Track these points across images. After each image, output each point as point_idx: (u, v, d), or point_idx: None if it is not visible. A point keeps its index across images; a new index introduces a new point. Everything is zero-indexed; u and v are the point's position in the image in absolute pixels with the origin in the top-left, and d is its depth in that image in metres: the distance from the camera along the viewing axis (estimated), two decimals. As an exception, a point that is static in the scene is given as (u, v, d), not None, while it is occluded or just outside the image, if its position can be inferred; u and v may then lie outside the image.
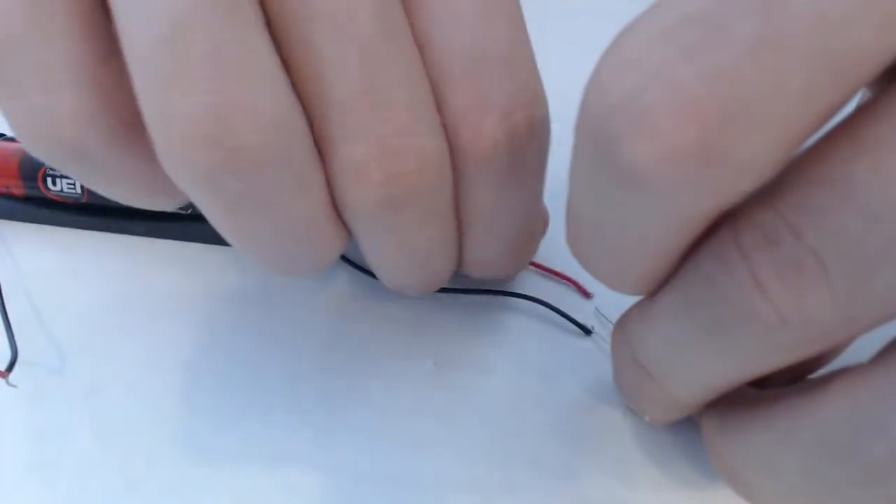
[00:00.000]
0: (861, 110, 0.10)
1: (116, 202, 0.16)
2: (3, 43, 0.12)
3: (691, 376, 0.14)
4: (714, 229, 0.12)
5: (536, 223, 0.18)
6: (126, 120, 0.13)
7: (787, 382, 0.15)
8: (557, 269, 0.22)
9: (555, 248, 0.21)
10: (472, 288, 0.22)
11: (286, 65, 0.13)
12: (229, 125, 0.12)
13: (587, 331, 0.21)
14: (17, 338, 0.20)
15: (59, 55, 0.13)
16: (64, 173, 0.15)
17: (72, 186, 0.23)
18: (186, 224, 0.23)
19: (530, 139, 0.15)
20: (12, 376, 0.19)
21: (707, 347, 0.13)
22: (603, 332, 0.21)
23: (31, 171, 0.23)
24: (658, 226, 0.11)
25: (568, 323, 0.21)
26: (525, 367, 0.21)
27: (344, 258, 0.22)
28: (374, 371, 0.21)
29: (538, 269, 0.22)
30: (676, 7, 0.09)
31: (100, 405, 0.20)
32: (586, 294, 0.22)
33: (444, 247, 0.17)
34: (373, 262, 0.17)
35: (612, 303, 0.21)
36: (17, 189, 0.23)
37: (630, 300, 0.16)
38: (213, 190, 0.13)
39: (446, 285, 0.20)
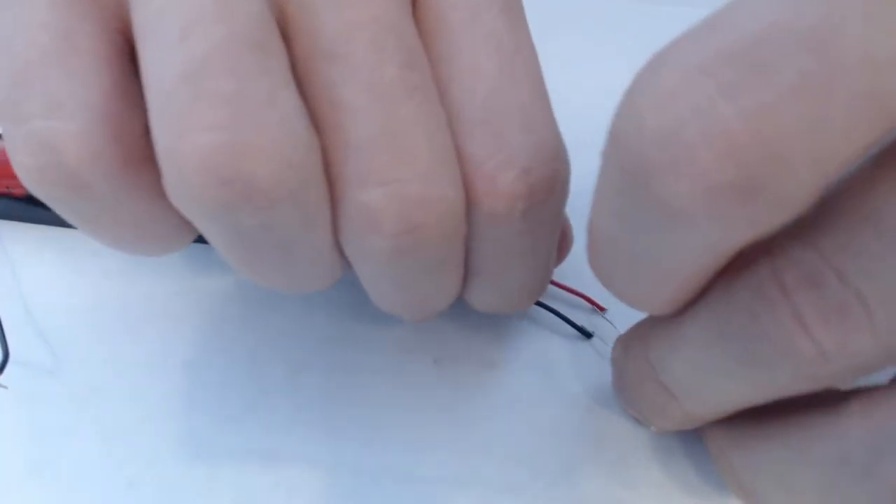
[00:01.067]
0: None
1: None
2: (23, 70, 0.13)
3: (717, 398, 0.14)
4: (748, 256, 0.12)
5: (548, 269, 0.17)
6: (132, 158, 0.13)
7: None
8: (567, 282, 0.22)
9: (567, 263, 0.20)
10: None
11: (306, 102, 0.13)
12: (244, 164, 0.12)
13: (588, 334, 0.21)
14: (16, 339, 0.20)
15: (74, 87, 0.13)
16: (64, 217, 0.14)
17: (71, 186, 0.23)
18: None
19: (548, 197, 0.14)
20: (4, 377, 0.19)
21: (738, 375, 0.13)
22: (603, 334, 0.21)
23: (31, 170, 0.23)
24: (689, 253, 0.11)
25: (564, 326, 0.21)
26: (526, 366, 0.21)
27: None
28: (374, 369, 0.21)
29: (558, 288, 0.22)
30: (714, 39, 0.09)
31: (100, 405, 0.20)
32: (600, 308, 0.21)
33: (446, 290, 0.16)
34: (368, 291, 0.17)
35: (617, 310, 0.21)
36: (17, 189, 0.23)
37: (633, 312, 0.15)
38: (223, 224, 0.13)
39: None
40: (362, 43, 0.13)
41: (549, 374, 0.20)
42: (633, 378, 0.17)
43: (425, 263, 0.14)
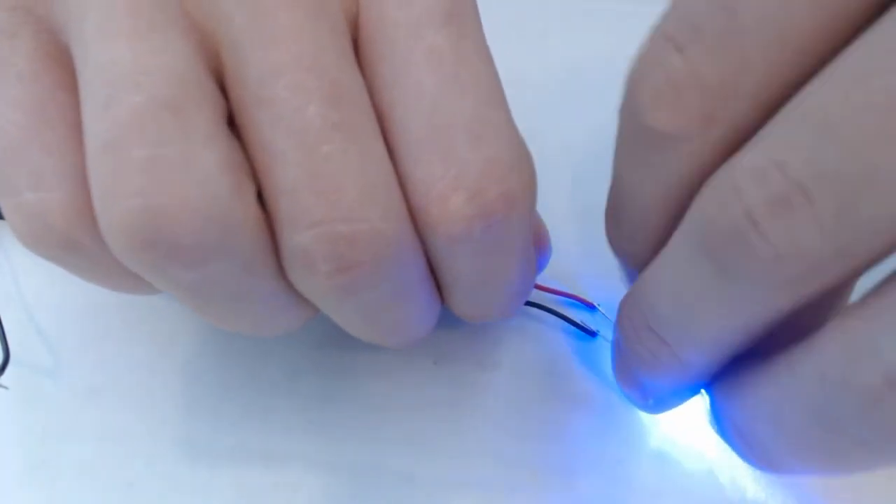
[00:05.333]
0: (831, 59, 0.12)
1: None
2: (7, 147, 0.14)
3: (701, 332, 0.14)
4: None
5: (527, 276, 0.17)
6: (89, 209, 0.14)
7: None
8: (559, 286, 0.22)
9: (557, 266, 0.20)
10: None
11: (246, 148, 0.13)
12: (163, 226, 0.12)
13: (592, 333, 0.21)
14: (16, 339, 0.20)
15: (53, 159, 0.14)
16: (64, 268, 0.16)
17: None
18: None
19: (508, 213, 0.14)
20: (4, 377, 0.19)
21: (713, 296, 0.13)
22: (605, 333, 0.21)
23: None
24: (670, 175, 0.14)
25: (566, 324, 0.21)
26: (525, 366, 0.21)
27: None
28: (374, 369, 0.21)
29: (544, 291, 0.21)
30: (670, 12, 0.13)
31: (100, 405, 0.20)
32: (591, 306, 0.21)
33: (417, 316, 0.16)
34: (341, 325, 0.17)
35: (608, 306, 0.21)
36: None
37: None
38: (166, 280, 0.13)
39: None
40: (284, 85, 0.13)
41: (549, 374, 0.20)
42: (628, 334, 0.17)
43: (379, 296, 0.14)
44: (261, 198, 0.14)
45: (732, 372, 0.15)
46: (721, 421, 0.16)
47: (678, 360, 0.15)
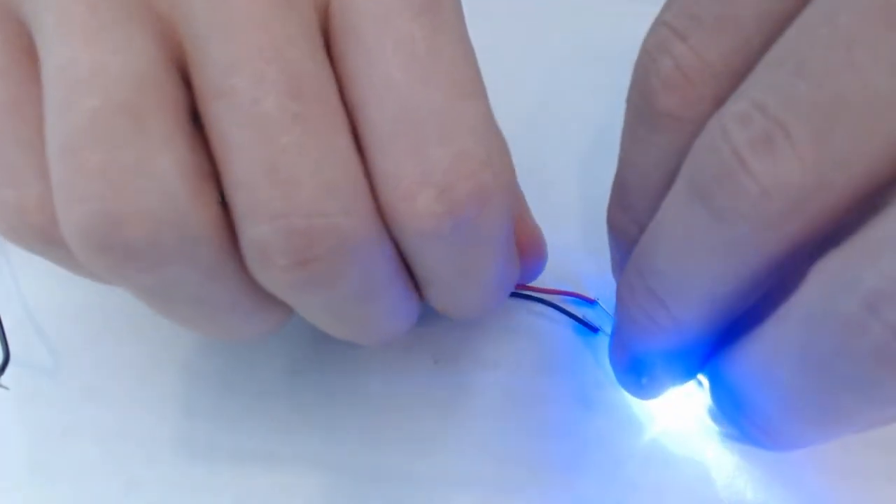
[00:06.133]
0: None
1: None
2: None
3: (697, 283, 0.14)
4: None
5: (508, 270, 0.17)
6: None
7: None
8: (557, 283, 0.22)
9: (557, 263, 0.20)
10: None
11: (209, 142, 0.13)
12: (117, 230, 0.12)
13: (594, 329, 0.21)
14: (16, 339, 0.20)
15: (28, 156, 0.13)
16: (48, 260, 0.16)
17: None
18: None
19: (480, 209, 0.14)
20: (5, 378, 0.19)
21: (707, 242, 0.14)
22: (606, 329, 0.21)
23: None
24: (679, 155, 0.14)
25: (568, 319, 0.21)
26: (525, 365, 0.21)
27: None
28: (373, 368, 0.21)
29: (542, 293, 0.21)
30: (672, 4, 0.14)
31: (100, 405, 0.20)
32: (592, 301, 0.21)
33: (391, 313, 0.16)
34: (315, 324, 0.17)
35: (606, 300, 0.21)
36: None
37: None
38: (125, 284, 0.13)
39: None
40: (243, 76, 0.12)
41: (549, 374, 0.20)
42: (626, 300, 0.16)
43: (343, 293, 0.14)
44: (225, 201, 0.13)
45: (728, 347, 0.16)
46: (722, 399, 0.16)
47: (674, 321, 0.15)
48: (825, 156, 0.12)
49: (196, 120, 0.13)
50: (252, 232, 0.13)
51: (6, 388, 0.19)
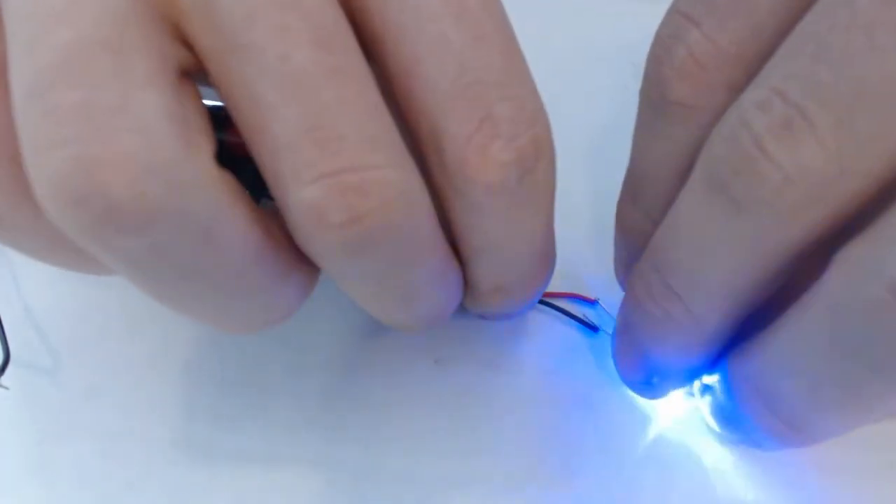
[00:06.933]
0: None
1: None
2: None
3: (715, 276, 0.14)
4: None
5: (551, 246, 0.17)
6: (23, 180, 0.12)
7: None
8: (557, 285, 0.21)
9: (558, 263, 0.20)
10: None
11: (228, 105, 0.12)
12: (94, 176, 0.11)
13: (594, 328, 0.21)
14: (16, 339, 0.20)
15: None
16: (14, 244, 0.14)
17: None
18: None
19: (537, 159, 0.14)
20: (5, 378, 0.19)
21: (726, 233, 0.14)
22: (607, 328, 0.21)
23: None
24: (694, 146, 0.14)
25: (569, 320, 0.21)
26: (526, 366, 0.21)
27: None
28: (374, 369, 0.21)
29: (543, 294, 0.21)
30: None
31: (100, 405, 0.20)
32: (592, 301, 0.21)
33: (434, 286, 0.16)
34: (362, 304, 0.16)
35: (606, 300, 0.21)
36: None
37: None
38: (105, 251, 0.12)
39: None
40: (263, 29, 0.12)
41: (550, 374, 0.20)
42: (640, 295, 0.16)
43: (392, 255, 0.14)
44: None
45: (746, 339, 0.16)
46: (741, 392, 0.16)
47: (691, 316, 0.15)
48: (847, 141, 0.12)
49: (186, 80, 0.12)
50: (300, 195, 0.12)
51: (6, 388, 0.19)
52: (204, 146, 0.12)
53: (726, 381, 0.17)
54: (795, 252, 0.13)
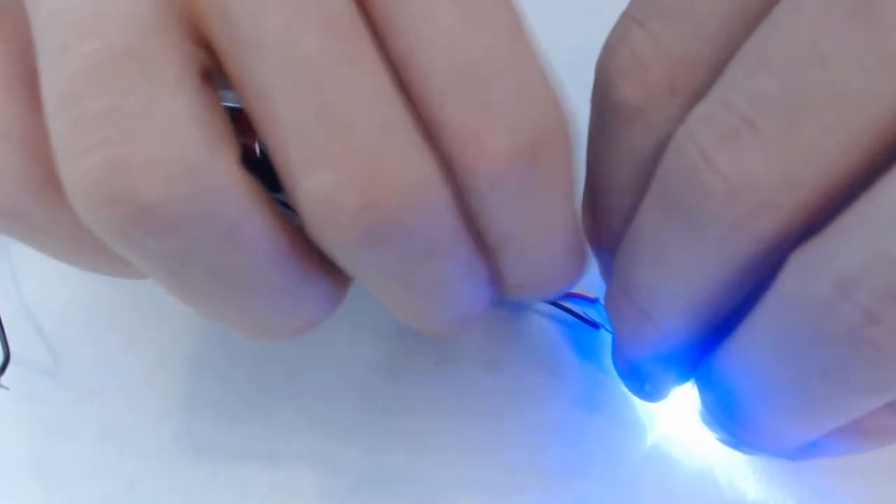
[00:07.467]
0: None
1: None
2: None
3: (675, 292, 0.14)
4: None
5: (576, 235, 0.17)
6: (57, 177, 0.13)
7: None
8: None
9: None
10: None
11: (243, 102, 0.13)
12: (123, 177, 0.11)
13: (595, 325, 0.21)
14: (16, 339, 0.20)
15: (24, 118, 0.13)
16: (19, 240, 0.14)
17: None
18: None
19: (545, 143, 0.13)
20: (5, 378, 0.19)
21: (681, 249, 0.13)
22: (607, 328, 0.21)
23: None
24: (643, 150, 0.14)
25: (570, 319, 0.21)
26: (527, 365, 0.21)
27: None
28: (375, 369, 0.21)
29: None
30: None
31: (100, 405, 0.20)
32: (593, 300, 0.21)
33: (461, 282, 0.15)
34: (388, 306, 0.16)
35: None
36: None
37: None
38: (136, 252, 0.12)
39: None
40: (275, 19, 0.12)
41: (550, 374, 0.20)
42: (614, 316, 0.17)
43: (411, 244, 0.13)
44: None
45: (716, 347, 0.16)
46: (705, 395, 0.16)
47: (659, 332, 0.15)
48: (792, 150, 0.12)
49: (211, 84, 0.13)
50: (311, 183, 0.12)
51: (6, 388, 0.19)
52: (228, 149, 0.12)
53: (697, 386, 0.17)
54: (752, 261, 0.13)
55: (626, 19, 0.14)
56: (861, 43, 0.11)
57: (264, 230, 0.13)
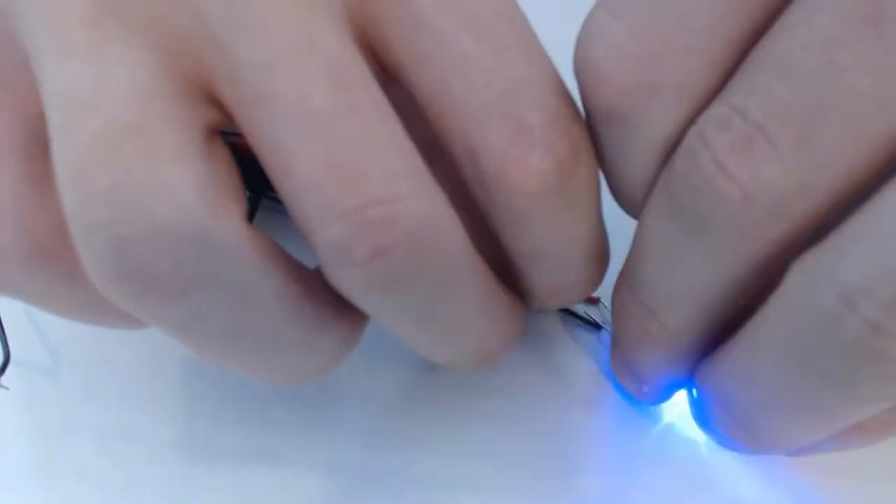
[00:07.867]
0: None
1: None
2: None
3: (684, 292, 0.14)
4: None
5: (602, 243, 0.17)
6: (47, 244, 0.13)
7: None
8: None
9: None
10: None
11: (259, 156, 0.13)
12: (135, 256, 0.12)
13: (597, 325, 0.21)
14: (16, 339, 0.20)
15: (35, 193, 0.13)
16: (13, 299, 0.15)
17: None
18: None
19: (577, 161, 0.14)
20: (5, 378, 0.19)
21: (691, 251, 0.13)
22: (608, 329, 0.21)
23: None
24: (638, 151, 0.14)
25: (570, 319, 0.21)
26: (526, 366, 0.21)
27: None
28: (375, 369, 0.21)
29: None
30: None
31: (100, 406, 0.20)
32: (592, 300, 0.21)
33: (479, 319, 0.15)
34: (408, 344, 0.16)
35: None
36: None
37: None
38: (154, 321, 0.13)
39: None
40: (283, 75, 0.12)
41: (551, 374, 0.20)
42: (619, 313, 0.17)
43: (426, 287, 0.13)
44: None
45: (717, 349, 0.16)
46: (705, 398, 0.16)
47: (666, 331, 0.15)
48: (807, 159, 0.12)
49: (217, 138, 0.13)
50: (326, 234, 0.12)
51: (6, 388, 0.19)
52: (235, 209, 0.13)
53: (697, 387, 0.17)
54: (761, 264, 0.13)
55: (598, 10, 0.13)
56: (875, 51, 0.11)
57: (276, 287, 0.13)
